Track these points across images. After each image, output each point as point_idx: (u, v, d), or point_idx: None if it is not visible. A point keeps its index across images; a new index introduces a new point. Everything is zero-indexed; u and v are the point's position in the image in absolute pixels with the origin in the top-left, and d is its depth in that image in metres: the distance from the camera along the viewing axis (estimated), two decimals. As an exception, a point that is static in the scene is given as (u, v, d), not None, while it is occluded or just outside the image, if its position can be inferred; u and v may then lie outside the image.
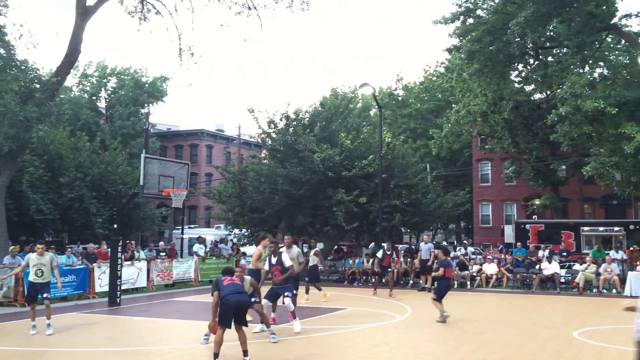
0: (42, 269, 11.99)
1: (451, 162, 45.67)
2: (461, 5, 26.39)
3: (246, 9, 22.80)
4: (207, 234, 34.16)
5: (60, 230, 29.91)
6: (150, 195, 17.96)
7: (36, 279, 11.94)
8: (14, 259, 17.26)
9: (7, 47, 19.47)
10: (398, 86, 49.42)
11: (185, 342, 10.95)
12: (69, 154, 27.79)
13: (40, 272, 11.97)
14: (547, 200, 32.87)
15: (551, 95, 28.61)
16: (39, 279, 11.95)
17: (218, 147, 55.35)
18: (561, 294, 19.66)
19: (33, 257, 12.04)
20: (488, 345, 10.51)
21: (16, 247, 18.67)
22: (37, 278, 11.94)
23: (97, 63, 47.65)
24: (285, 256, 11.94)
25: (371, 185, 23.81)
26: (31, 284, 12.11)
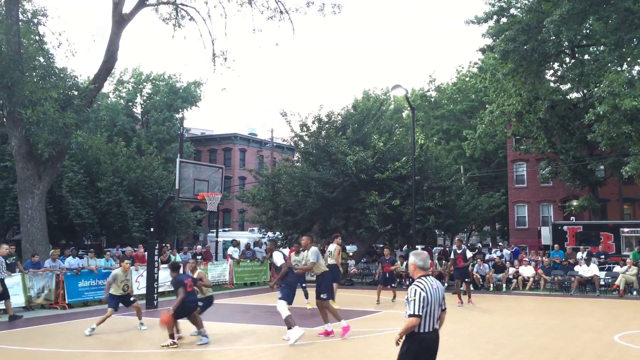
0: (127, 284, 12.82)
1: (485, 163, 45.10)
2: (494, 5, 26.12)
3: (278, 14, 22.95)
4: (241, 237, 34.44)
5: (98, 234, 30.53)
6: (186, 199, 18.20)
7: (122, 293, 12.66)
8: (54, 263, 17.71)
9: (46, 56, 19.99)
10: (430, 87, 49.03)
11: (221, 343, 11.06)
12: (107, 159, 28.34)
13: (126, 287, 12.75)
14: (585, 201, 32.18)
15: (588, 94, 28.02)
16: (124, 293, 12.71)
17: (251, 150, 55.77)
18: (601, 297, 19.24)
19: (121, 274, 12.69)
20: (526, 349, 10.35)
21: (56, 250, 19.16)
22: (123, 292, 12.68)
23: (132, 69, 48.56)
24: (276, 256, 11.87)
25: (404, 188, 23.70)
26: (116, 297, 12.61)
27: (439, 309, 5.52)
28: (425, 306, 5.36)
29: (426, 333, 5.40)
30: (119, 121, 44.46)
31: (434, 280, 5.56)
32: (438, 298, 5.49)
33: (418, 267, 5.61)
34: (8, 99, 18.79)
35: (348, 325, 11.45)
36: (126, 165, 28.86)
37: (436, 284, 5.54)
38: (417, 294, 5.37)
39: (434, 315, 5.43)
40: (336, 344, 11.01)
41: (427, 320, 5.39)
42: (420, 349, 5.41)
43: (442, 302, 5.58)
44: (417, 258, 5.63)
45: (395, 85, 22.78)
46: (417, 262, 5.60)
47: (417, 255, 5.66)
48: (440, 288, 5.59)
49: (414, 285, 5.45)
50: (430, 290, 5.42)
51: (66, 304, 16.79)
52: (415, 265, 5.62)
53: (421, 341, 5.40)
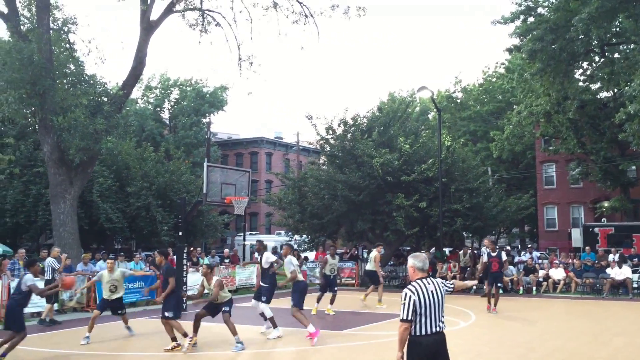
0: (115, 284, 12.42)
1: (513, 164, 44.55)
2: (521, 4, 25.84)
3: (303, 17, 23.04)
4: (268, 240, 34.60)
5: (128, 238, 31.00)
6: (213, 202, 18.36)
7: (110, 295, 12.29)
8: (86, 267, 18.02)
9: (77, 64, 20.39)
10: (457, 89, 48.64)
11: (249, 346, 11.12)
12: (136, 164, 28.75)
13: (114, 288, 12.39)
14: (617, 202, 31.57)
15: (618, 93, 27.50)
16: (113, 295, 12.31)
17: (277, 154, 56.02)
18: (634, 299, 18.86)
19: (105, 275, 12.43)
20: (557, 353, 10.20)
21: (88, 254, 19.50)
22: (112, 294, 12.30)
23: (160, 75, 49.20)
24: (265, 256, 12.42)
25: (431, 190, 23.56)
26: (105, 302, 12.35)
27: (441, 311, 5.41)
28: (419, 309, 5.28)
29: (424, 336, 5.30)
30: (147, 126, 45.08)
31: (431, 282, 5.44)
32: (437, 300, 5.38)
33: (417, 269, 5.52)
34: (40, 106, 19.21)
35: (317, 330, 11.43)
36: (155, 169, 29.24)
37: (433, 286, 5.43)
38: (407, 297, 5.32)
39: (432, 317, 5.32)
40: (358, 347, 11.00)
41: (424, 323, 5.29)
42: (419, 353, 5.31)
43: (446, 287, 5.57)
44: (415, 260, 5.56)
45: (420, 87, 22.69)
46: (416, 264, 5.52)
47: (415, 258, 5.59)
48: (442, 289, 5.49)
49: (406, 289, 5.40)
50: (425, 292, 5.33)
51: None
52: (415, 267, 5.54)
53: (419, 345, 5.30)
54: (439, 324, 5.37)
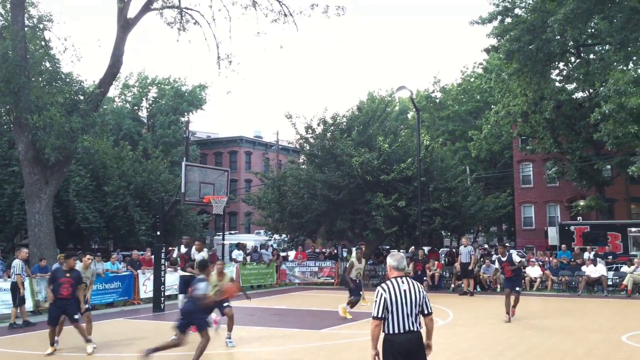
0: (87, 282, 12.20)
1: (491, 163, 45.00)
2: (499, 5, 26.09)
3: (282, 16, 22.93)
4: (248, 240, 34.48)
5: (105, 238, 30.63)
6: (192, 202, 18.23)
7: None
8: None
9: (52, 61, 20.07)
10: (435, 88, 49.02)
11: (227, 347, 11.05)
12: (113, 163, 28.43)
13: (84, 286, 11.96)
14: (592, 201, 32.07)
15: (594, 94, 27.93)
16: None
17: (257, 153, 55.84)
18: (608, 297, 19.16)
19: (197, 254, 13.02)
20: (534, 350, 10.31)
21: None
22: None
23: (137, 73, 48.73)
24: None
25: (410, 189, 23.68)
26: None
27: (415, 310, 5.41)
28: (389, 307, 5.32)
29: (397, 335, 5.32)
30: (124, 125, 44.60)
31: (405, 282, 5.46)
32: (410, 299, 5.38)
33: (393, 267, 5.57)
34: (15, 104, 18.87)
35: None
36: (132, 169, 28.95)
37: (407, 285, 5.44)
38: (379, 295, 5.38)
39: (403, 316, 5.33)
40: (342, 347, 11.01)
41: (394, 321, 5.33)
42: (389, 349, 5.35)
43: (422, 305, 5.49)
44: (391, 259, 5.61)
45: (400, 87, 22.80)
46: (392, 263, 5.57)
47: (392, 257, 5.64)
48: (417, 289, 5.48)
49: (379, 287, 5.47)
50: (396, 291, 5.36)
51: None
52: (390, 266, 5.60)
53: (391, 343, 5.34)
54: (411, 323, 5.37)
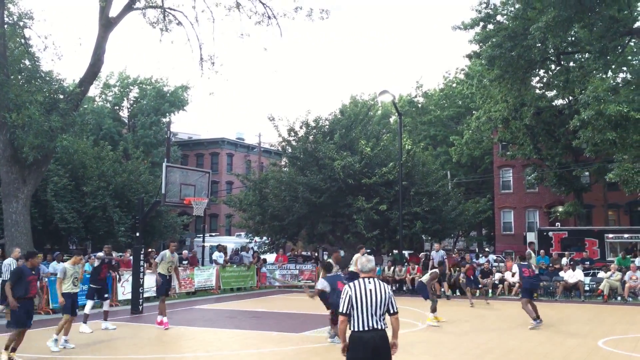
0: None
1: (472, 169, 45.32)
2: (481, 12, 26.32)
3: (266, 19, 22.91)
4: (228, 242, 34.33)
5: (84, 239, 30.26)
6: (172, 203, 18.11)
7: (74, 288, 11.82)
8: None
9: (32, 59, 19.82)
10: (418, 93, 49.26)
11: (207, 349, 10.99)
12: (93, 163, 28.13)
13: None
14: (570, 207, 32.45)
15: (573, 101, 28.30)
16: (75, 289, 11.89)
17: (238, 155, 55.64)
18: (585, 302, 19.38)
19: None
20: (511, 354, 10.40)
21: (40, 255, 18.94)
22: (74, 288, 11.84)
23: (119, 73, 48.26)
24: None
25: (391, 193, 23.76)
26: (70, 295, 11.72)
27: (380, 309, 5.70)
28: (355, 305, 5.64)
29: (361, 331, 5.63)
30: (105, 125, 44.13)
31: (372, 282, 5.77)
32: (375, 299, 5.67)
33: (359, 269, 5.99)
34: (-8, 102, 18.61)
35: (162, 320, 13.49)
36: (112, 169, 28.67)
37: (374, 286, 5.74)
38: (345, 293, 5.77)
39: (369, 314, 5.64)
40: (321, 349, 10.99)
41: (360, 319, 5.64)
42: (356, 346, 5.63)
43: (388, 305, 5.77)
44: (359, 261, 6.05)
45: (382, 91, 22.88)
46: (358, 266, 6.00)
47: (360, 259, 6.07)
48: (383, 290, 5.76)
49: (346, 285, 5.87)
50: (362, 290, 5.68)
51: (50, 309, 16.61)
52: (357, 268, 6.03)
53: (356, 339, 5.64)
54: (375, 322, 5.66)
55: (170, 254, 14.00)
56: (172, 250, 14.14)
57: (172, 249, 14.17)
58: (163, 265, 13.86)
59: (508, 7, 25.94)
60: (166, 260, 13.88)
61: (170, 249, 14.16)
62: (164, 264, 13.86)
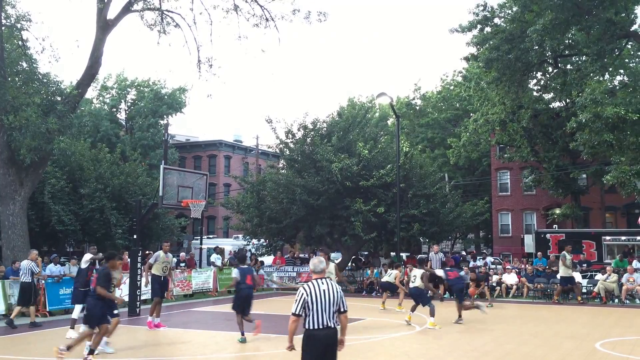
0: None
1: (469, 171, 45.38)
2: (478, 14, 26.35)
3: (264, 21, 22.95)
4: (226, 244, 34.30)
5: (81, 241, 30.21)
6: (169, 205, 18.09)
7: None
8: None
9: (30, 61, 19.82)
10: (416, 95, 49.33)
11: (204, 352, 10.97)
12: (90, 165, 28.10)
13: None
14: (568, 210, 32.50)
15: (570, 103, 28.35)
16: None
17: (236, 157, 55.62)
18: (583, 304, 19.39)
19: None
20: (509, 356, 10.39)
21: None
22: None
23: (116, 75, 48.28)
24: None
25: (389, 195, 23.75)
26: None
27: (333, 308, 6.03)
28: (311, 305, 5.97)
29: (316, 329, 5.96)
30: (102, 127, 44.12)
31: (324, 283, 6.11)
32: (328, 299, 6.01)
33: (312, 270, 6.30)
34: (-10, 104, 18.58)
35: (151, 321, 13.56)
36: (110, 171, 28.64)
37: (327, 286, 6.07)
38: (299, 294, 6.07)
39: (321, 314, 5.96)
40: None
41: (313, 318, 5.96)
42: (310, 343, 5.98)
43: (339, 304, 6.11)
44: (310, 263, 6.36)
45: (380, 93, 22.90)
46: (310, 267, 6.32)
47: (311, 261, 6.40)
48: (335, 290, 6.08)
49: (300, 287, 6.18)
50: (315, 291, 6.01)
51: (47, 312, 16.57)
52: (310, 269, 6.34)
53: (310, 337, 5.98)
54: (328, 320, 5.99)
55: (164, 254, 14.01)
56: (165, 250, 14.15)
57: (165, 249, 14.18)
58: (157, 266, 13.84)
59: (505, 9, 26.00)
60: (160, 260, 13.86)
61: (164, 250, 14.17)
62: (158, 265, 13.84)
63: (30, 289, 14.60)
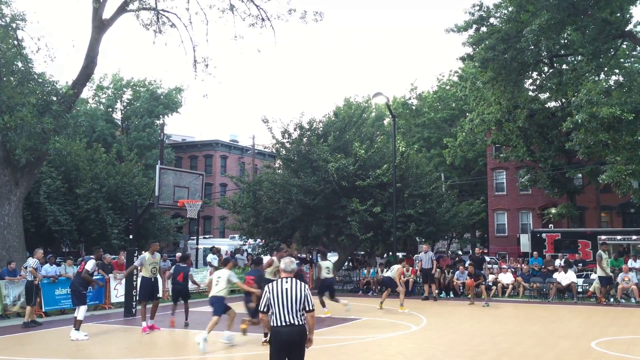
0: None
1: (465, 171, 45.44)
2: (474, 14, 26.38)
3: (259, 21, 22.94)
4: (222, 244, 34.24)
5: (76, 241, 30.15)
6: (166, 205, 18.07)
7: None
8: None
9: (25, 61, 19.76)
10: (412, 95, 49.37)
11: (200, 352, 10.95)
12: (86, 165, 28.04)
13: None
14: (564, 209, 32.57)
15: (566, 103, 28.41)
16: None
17: (232, 157, 55.57)
18: (578, 303, 19.43)
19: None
20: (505, 356, 10.41)
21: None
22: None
23: (112, 75, 48.16)
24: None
25: (385, 195, 23.76)
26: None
27: (296, 306, 6.23)
28: (272, 303, 6.23)
29: (279, 326, 6.21)
30: (98, 127, 44.03)
31: (288, 282, 6.34)
32: (290, 297, 6.23)
33: (282, 269, 6.54)
34: (-15, 104, 18.52)
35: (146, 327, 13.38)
36: (105, 171, 28.58)
37: (290, 285, 6.31)
38: (264, 293, 6.37)
39: (284, 311, 6.20)
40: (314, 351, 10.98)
41: (277, 315, 6.22)
42: (275, 340, 6.26)
43: (304, 303, 6.30)
44: (282, 262, 6.60)
45: (376, 93, 22.88)
46: (281, 266, 6.56)
47: (282, 260, 6.63)
48: (299, 289, 6.29)
49: (266, 286, 6.45)
50: (278, 290, 6.27)
51: (42, 312, 16.52)
52: (280, 268, 6.60)
53: (275, 333, 6.24)
54: (291, 317, 6.20)
55: (150, 255, 13.64)
56: (152, 251, 13.78)
57: (153, 250, 13.83)
58: (145, 268, 13.54)
59: (501, 9, 26.03)
60: (147, 262, 13.53)
61: (151, 250, 13.81)
62: (146, 267, 13.53)
63: (32, 287, 14.80)
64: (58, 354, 10.90)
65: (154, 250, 13.96)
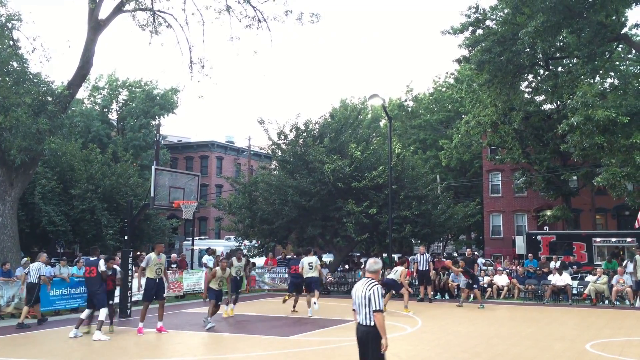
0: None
1: (461, 172, 45.50)
2: (470, 16, 26.43)
3: (256, 22, 22.92)
4: (218, 245, 34.22)
5: (71, 242, 30.05)
6: (161, 206, 18.03)
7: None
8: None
9: (20, 61, 19.69)
10: (408, 97, 49.42)
11: (195, 353, 10.94)
12: (81, 166, 27.95)
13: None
14: (559, 211, 32.65)
15: (562, 106, 28.48)
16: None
17: (228, 158, 55.52)
18: (573, 305, 19.49)
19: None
20: (500, 358, 10.43)
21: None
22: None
23: (108, 75, 48.05)
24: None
25: (381, 196, 23.79)
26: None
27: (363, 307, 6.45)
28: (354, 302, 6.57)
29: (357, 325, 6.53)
30: (93, 127, 43.92)
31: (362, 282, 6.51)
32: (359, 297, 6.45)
33: (365, 269, 6.81)
34: (-20, 104, 18.46)
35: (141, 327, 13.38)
36: (101, 172, 28.50)
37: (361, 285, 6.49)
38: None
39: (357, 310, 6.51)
40: (311, 353, 10.98)
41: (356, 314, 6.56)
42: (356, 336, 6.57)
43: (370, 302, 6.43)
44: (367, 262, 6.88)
45: (372, 95, 22.89)
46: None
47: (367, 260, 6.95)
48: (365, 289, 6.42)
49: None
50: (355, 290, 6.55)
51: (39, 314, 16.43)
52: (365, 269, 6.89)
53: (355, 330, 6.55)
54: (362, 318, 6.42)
55: (156, 256, 13.69)
56: (158, 252, 13.83)
57: (158, 251, 13.88)
58: (151, 268, 13.59)
59: (497, 12, 26.09)
60: (153, 263, 13.57)
61: (157, 251, 13.87)
62: (151, 268, 13.57)
63: (34, 290, 14.83)
64: (53, 355, 10.86)
65: (159, 251, 13.91)
